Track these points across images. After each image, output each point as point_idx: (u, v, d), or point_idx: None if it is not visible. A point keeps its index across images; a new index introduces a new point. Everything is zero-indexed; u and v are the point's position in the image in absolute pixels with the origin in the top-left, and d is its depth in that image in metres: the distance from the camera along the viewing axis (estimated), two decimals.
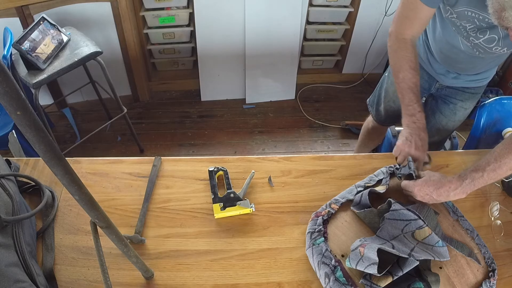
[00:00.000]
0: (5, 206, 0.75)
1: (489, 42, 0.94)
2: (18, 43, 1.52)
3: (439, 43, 1.13)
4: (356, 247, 0.77)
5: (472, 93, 1.26)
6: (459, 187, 0.81)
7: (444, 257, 0.77)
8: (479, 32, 0.92)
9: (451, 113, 1.32)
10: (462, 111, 1.31)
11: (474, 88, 1.25)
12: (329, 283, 0.75)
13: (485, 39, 0.94)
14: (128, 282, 0.77)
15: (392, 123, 1.58)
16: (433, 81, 1.28)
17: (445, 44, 1.10)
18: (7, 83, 0.34)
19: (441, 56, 1.16)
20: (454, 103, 1.29)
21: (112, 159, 1.02)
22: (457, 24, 0.96)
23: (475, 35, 0.94)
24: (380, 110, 1.49)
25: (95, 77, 2.07)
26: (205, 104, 2.58)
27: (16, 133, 1.19)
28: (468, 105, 1.30)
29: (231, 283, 0.79)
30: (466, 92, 1.26)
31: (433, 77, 1.27)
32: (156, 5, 2.19)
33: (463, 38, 1.00)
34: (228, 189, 0.93)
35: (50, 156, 0.42)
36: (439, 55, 1.16)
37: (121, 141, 2.30)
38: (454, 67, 1.17)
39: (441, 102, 1.34)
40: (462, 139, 2.19)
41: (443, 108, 1.33)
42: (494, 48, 0.95)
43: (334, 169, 1.03)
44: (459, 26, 0.96)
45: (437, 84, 1.29)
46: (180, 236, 0.86)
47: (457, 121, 1.34)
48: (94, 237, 0.62)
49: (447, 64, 1.18)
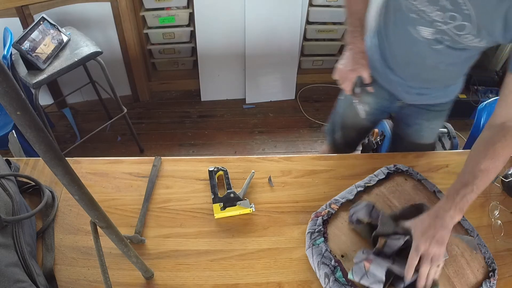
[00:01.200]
0: (5, 206, 0.75)
1: (459, 29, 0.79)
2: (18, 43, 1.52)
3: (394, 44, 0.99)
4: (360, 260, 0.75)
5: (438, 110, 1.14)
6: (452, 206, 0.74)
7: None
8: (449, 17, 0.79)
9: (417, 135, 1.21)
10: (429, 132, 1.20)
11: (440, 105, 1.13)
12: (329, 283, 0.75)
13: (456, 26, 0.79)
14: (128, 282, 0.77)
15: (351, 150, 1.44)
16: (393, 100, 1.15)
17: (403, 43, 0.95)
18: (7, 83, 0.34)
19: (399, 62, 1.01)
20: (419, 124, 1.18)
21: (112, 159, 1.02)
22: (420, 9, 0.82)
23: (444, 20, 0.80)
24: (336, 138, 1.36)
25: (95, 77, 2.07)
26: (205, 104, 2.58)
27: (16, 133, 1.19)
28: (435, 125, 1.19)
29: (231, 283, 0.79)
30: (431, 111, 1.14)
31: (394, 95, 1.13)
32: (156, 5, 2.18)
33: (426, 26, 0.85)
34: (228, 189, 0.93)
35: (50, 156, 0.42)
36: (397, 62, 1.02)
37: (121, 141, 2.30)
38: (415, 78, 1.03)
39: (403, 125, 1.23)
40: (462, 139, 2.19)
41: (408, 131, 1.22)
42: (465, 36, 0.80)
43: (334, 169, 1.03)
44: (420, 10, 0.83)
45: (398, 103, 1.15)
46: (180, 236, 0.86)
47: (426, 142, 1.23)
48: (94, 237, 0.62)
49: (407, 75, 1.03)
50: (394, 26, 0.96)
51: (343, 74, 1.01)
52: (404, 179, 0.98)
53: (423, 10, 0.82)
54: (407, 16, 0.87)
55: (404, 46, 0.95)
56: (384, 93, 1.13)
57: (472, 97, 2.42)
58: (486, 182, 0.76)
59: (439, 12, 0.79)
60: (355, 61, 0.98)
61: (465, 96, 2.45)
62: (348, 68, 0.99)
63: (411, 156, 1.09)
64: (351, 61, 0.99)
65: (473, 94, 2.45)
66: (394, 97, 1.13)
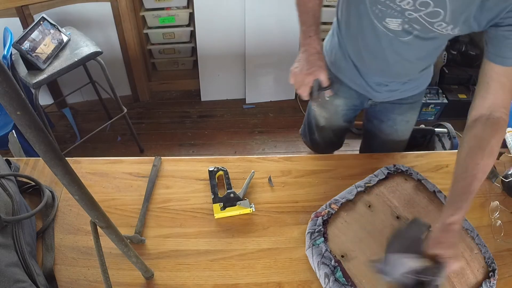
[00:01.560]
0: (5, 206, 0.75)
1: (432, 16, 0.76)
2: (18, 43, 1.52)
3: (358, 40, 0.95)
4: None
5: (411, 103, 1.13)
6: (461, 214, 0.72)
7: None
8: (420, 4, 0.75)
9: (392, 130, 1.19)
10: (404, 125, 1.18)
11: (412, 97, 1.11)
12: (329, 283, 0.75)
13: (428, 13, 0.76)
14: (128, 282, 0.77)
15: (334, 150, 1.42)
16: (364, 98, 1.13)
17: (368, 39, 0.92)
18: (7, 83, 0.34)
19: (365, 59, 0.98)
20: (393, 119, 1.16)
21: (112, 159, 1.02)
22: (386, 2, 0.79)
23: (414, 7, 0.76)
24: (315, 139, 1.32)
25: (95, 77, 2.07)
26: (205, 104, 2.58)
27: (16, 133, 1.19)
28: (410, 117, 1.17)
29: (231, 283, 0.79)
30: (403, 104, 1.12)
31: (364, 95, 1.11)
32: (156, 5, 2.18)
33: (394, 17, 0.81)
34: (228, 189, 0.93)
35: (50, 156, 0.42)
36: (362, 59, 0.99)
37: (121, 141, 2.30)
38: (384, 73, 1.00)
39: (377, 121, 1.21)
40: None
41: (382, 127, 1.20)
42: (438, 23, 0.77)
43: (334, 169, 1.03)
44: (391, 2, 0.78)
45: (369, 101, 1.14)
46: (180, 236, 0.86)
47: (402, 136, 1.21)
48: (94, 237, 0.62)
49: (374, 71, 1.01)
50: (358, 22, 0.92)
51: (299, 78, 0.91)
52: (404, 179, 0.98)
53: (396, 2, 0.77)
54: (373, 10, 0.84)
55: (370, 41, 0.92)
56: (353, 92, 1.11)
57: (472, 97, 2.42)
58: (482, 178, 0.76)
59: (410, 0, 0.75)
60: (311, 63, 0.90)
61: (465, 96, 2.45)
62: (304, 72, 0.90)
63: (411, 156, 1.09)
64: (307, 64, 0.90)
65: (473, 94, 2.45)
66: (364, 96, 1.12)
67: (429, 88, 2.50)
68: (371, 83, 1.04)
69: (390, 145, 1.23)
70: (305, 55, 0.91)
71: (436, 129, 1.83)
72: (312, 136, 1.32)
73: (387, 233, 0.86)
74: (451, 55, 2.55)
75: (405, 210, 0.90)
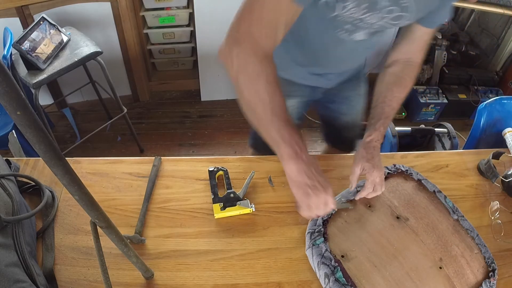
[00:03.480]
0: (5, 206, 0.75)
1: (396, 19, 0.76)
2: (18, 43, 1.52)
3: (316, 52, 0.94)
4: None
5: (357, 77, 1.17)
6: (380, 135, 0.89)
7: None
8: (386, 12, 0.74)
9: (350, 107, 1.23)
10: (358, 98, 1.22)
11: (358, 71, 1.16)
12: (329, 283, 0.75)
13: (393, 17, 0.76)
14: (128, 282, 0.77)
15: None
16: (316, 90, 1.14)
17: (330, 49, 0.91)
18: (7, 83, 0.34)
19: (323, 64, 1.00)
20: (347, 96, 1.20)
21: (112, 159, 1.02)
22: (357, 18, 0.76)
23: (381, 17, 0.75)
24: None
25: (95, 77, 2.07)
26: (205, 104, 2.58)
27: (16, 133, 1.19)
28: (361, 90, 1.21)
29: (231, 283, 0.79)
30: (352, 80, 1.16)
31: (316, 87, 1.12)
32: (156, 5, 2.19)
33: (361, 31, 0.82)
34: (228, 189, 0.93)
35: (50, 156, 0.42)
36: (318, 61, 0.98)
37: (121, 141, 2.30)
38: (339, 69, 1.06)
39: (334, 106, 1.23)
40: (462, 139, 2.19)
41: (340, 108, 1.23)
42: (402, 23, 0.79)
43: (334, 169, 1.03)
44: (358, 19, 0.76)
45: (320, 89, 1.15)
46: (180, 236, 0.86)
47: (359, 110, 1.25)
48: (94, 237, 0.62)
49: (331, 70, 1.05)
50: (318, 38, 0.87)
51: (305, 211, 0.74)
52: (404, 179, 0.98)
53: (361, 18, 0.75)
54: (340, 27, 0.81)
55: (330, 49, 0.91)
56: (305, 88, 1.12)
57: (472, 97, 2.42)
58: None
59: (377, 14, 0.74)
60: (324, 188, 0.71)
61: (465, 96, 2.45)
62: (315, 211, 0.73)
63: (411, 156, 1.09)
64: (320, 191, 0.70)
65: (473, 94, 2.45)
66: (316, 88, 1.14)
67: (429, 88, 2.50)
68: (324, 76, 1.07)
69: (351, 124, 1.28)
70: (310, 169, 0.71)
71: (436, 129, 1.83)
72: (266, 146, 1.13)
73: (387, 233, 0.86)
74: (451, 55, 2.55)
75: (405, 210, 0.90)
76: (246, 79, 0.69)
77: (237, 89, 0.71)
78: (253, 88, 0.68)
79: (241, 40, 0.68)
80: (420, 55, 0.95)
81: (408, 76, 0.94)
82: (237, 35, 0.69)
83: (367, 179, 0.87)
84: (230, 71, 0.71)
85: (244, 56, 0.68)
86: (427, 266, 0.80)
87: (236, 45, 0.68)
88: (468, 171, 1.06)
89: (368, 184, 0.87)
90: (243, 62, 0.68)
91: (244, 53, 0.68)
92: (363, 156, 0.87)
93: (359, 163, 0.87)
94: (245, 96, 0.70)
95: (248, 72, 0.68)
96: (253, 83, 0.68)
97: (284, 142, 0.68)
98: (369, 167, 0.86)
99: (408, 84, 0.94)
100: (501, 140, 1.19)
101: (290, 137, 0.68)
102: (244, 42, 0.68)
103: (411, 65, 0.94)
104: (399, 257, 0.81)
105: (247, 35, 0.68)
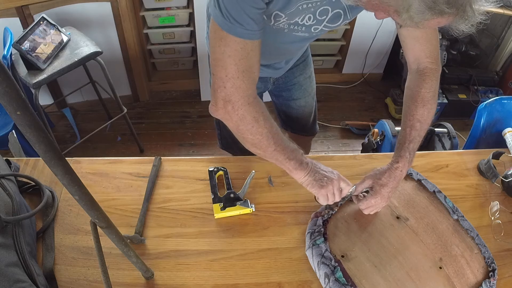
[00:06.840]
0: (5, 206, 0.75)
1: (334, 20, 0.80)
2: (18, 43, 1.52)
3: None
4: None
5: (303, 60, 1.19)
6: (406, 163, 0.84)
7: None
8: (319, 13, 0.77)
9: (302, 91, 1.25)
10: (309, 81, 1.25)
11: (303, 55, 1.18)
12: (329, 283, 0.75)
13: (329, 19, 0.79)
14: (128, 282, 0.77)
15: None
16: (267, 81, 1.17)
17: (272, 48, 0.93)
18: (7, 83, 0.34)
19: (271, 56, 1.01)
20: (297, 82, 1.22)
21: (112, 159, 1.02)
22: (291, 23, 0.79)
23: (316, 20, 0.78)
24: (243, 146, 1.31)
25: (95, 77, 2.07)
26: (205, 104, 2.56)
27: (16, 133, 1.19)
28: (309, 72, 1.23)
29: (231, 283, 0.79)
30: (299, 64, 1.18)
31: (266, 77, 1.15)
32: (156, 5, 2.18)
33: (299, 32, 0.83)
34: (228, 189, 0.93)
35: (50, 156, 0.43)
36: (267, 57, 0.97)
37: (121, 141, 2.30)
38: (286, 57, 1.07)
39: (286, 93, 1.25)
40: (462, 139, 2.19)
41: (293, 94, 1.25)
42: (341, 23, 0.82)
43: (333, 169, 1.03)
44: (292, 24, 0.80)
45: (271, 79, 1.17)
46: (180, 236, 0.86)
47: (311, 93, 1.29)
48: (94, 237, 0.62)
49: (278, 59, 1.05)
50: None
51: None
52: (404, 179, 0.98)
53: (294, 21, 0.78)
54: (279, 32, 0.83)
55: (274, 43, 0.91)
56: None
57: (472, 97, 2.42)
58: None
59: (310, 14, 0.76)
60: (329, 177, 0.82)
61: (465, 96, 2.45)
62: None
63: None
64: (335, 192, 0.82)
65: (473, 94, 2.45)
66: (267, 78, 1.15)
67: None
68: (271, 66, 1.07)
69: (306, 108, 1.30)
70: (321, 177, 0.82)
71: (436, 129, 1.83)
72: (238, 145, 1.02)
73: (387, 233, 0.86)
74: (451, 55, 2.55)
75: (405, 210, 0.91)
76: (248, 127, 0.76)
77: (239, 135, 0.79)
78: (255, 131, 0.76)
79: (231, 96, 0.73)
80: (425, 56, 0.84)
81: (420, 87, 0.84)
82: (224, 94, 0.74)
83: (367, 197, 0.86)
84: (229, 124, 0.78)
85: (238, 109, 0.74)
86: (427, 266, 0.80)
87: (228, 103, 0.74)
88: (468, 171, 1.06)
89: (363, 203, 0.86)
90: (240, 113, 0.74)
91: (237, 106, 0.74)
92: (380, 178, 0.85)
93: (372, 180, 0.86)
94: (249, 139, 0.77)
95: (247, 121, 0.75)
96: (254, 126, 0.75)
97: (290, 160, 0.79)
98: (376, 191, 0.85)
99: (424, 95, 0.84)
100: (501, 140, 1.19)
101: (293, 154, 0.80)
102: (233, 96, 0.73)
103: (420, 72, 0.85)
104: (399, 257, 0.81)
105: (234, 90, 0.73)
